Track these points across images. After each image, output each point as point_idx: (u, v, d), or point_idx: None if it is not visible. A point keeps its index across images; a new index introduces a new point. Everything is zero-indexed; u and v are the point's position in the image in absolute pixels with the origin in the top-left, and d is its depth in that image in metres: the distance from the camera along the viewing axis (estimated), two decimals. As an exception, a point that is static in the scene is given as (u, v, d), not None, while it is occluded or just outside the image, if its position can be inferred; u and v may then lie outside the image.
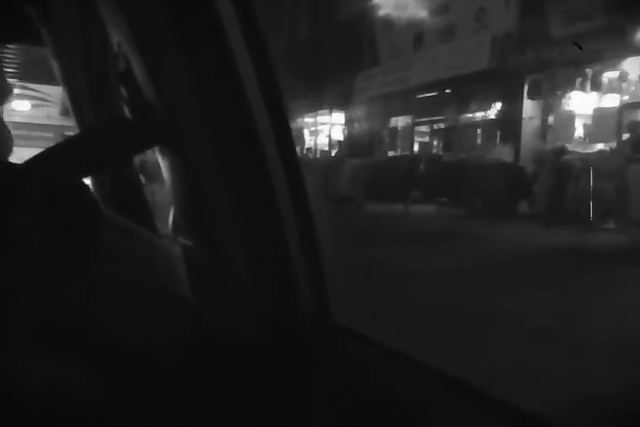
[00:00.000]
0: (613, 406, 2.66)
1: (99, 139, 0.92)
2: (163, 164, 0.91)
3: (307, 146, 20.78)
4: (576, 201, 7.93)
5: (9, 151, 0.87)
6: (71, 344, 0.69)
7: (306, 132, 21.04)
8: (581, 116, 12.18)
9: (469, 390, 0.75)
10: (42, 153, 0.85)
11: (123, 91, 0.89)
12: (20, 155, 0.87)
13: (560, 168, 8.33)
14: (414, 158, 13.21)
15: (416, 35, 16.34)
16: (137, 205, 1.49)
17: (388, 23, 16.72)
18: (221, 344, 0.85)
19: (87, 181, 1.04)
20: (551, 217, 8.35)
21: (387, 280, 5.14)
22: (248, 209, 0.86)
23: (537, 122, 12.91)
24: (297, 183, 0.88)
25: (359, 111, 17.86)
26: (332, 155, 17.82)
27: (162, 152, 0.89)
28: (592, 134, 11.57)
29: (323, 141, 20.89)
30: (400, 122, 17.98)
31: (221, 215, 0.86)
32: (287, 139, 0.87)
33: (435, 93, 15.52)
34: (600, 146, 10.70)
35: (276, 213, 0.86)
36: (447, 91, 15.12)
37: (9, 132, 0.87)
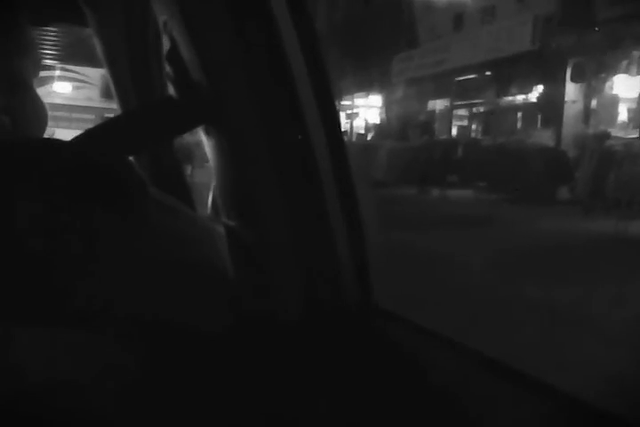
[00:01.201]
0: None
1: (145, 118, 0.92)
2: (207, 143, 0.90)
3: (343, 129, 20.63)
4: (619, 188, 7.75)
5: (44, 125, 0.86)
6: (116, 326, 0.69)
7: (342, 114, 20.92)
8: (626, 100, 11.86)
9: (511, 373, 0.75)
10: (89, 131, 0.85)
11: (168, 70, 0.88)
12: (62, 136, 0.86)
13: (603, 153, 8.14)
14: (452, 142, 13.06)
15: (456, 16, 16.06)
16: (176, 185, 1.50)
17: (427, 4, 16.47)
18: (263, 326, 0.85)
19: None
20: (592, 204, 8.19)
21: (424, 265, 5.15)
22: (293, 190, 0.85)
23: (579, 106, 12.60)
24: (342, 165, 0.88)
25: (396, 94, 17.67)
26: (369, 138, 17.70)
27: (207, 132, 0.88)
28: (636, 119, 11.26)
29: (359, 124, 20.77)
30: (438, 105, 17.76)
31: (266, 196, 0.86)
32: (333, 119, 0.87)
33: (474, 76, 15.26)
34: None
35: (321, 196, 0.85)
36: (487, 73, 14.85)
37: (43, 105, 0.86)
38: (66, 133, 0.89)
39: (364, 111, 20.66)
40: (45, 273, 0.66)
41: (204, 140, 0.90)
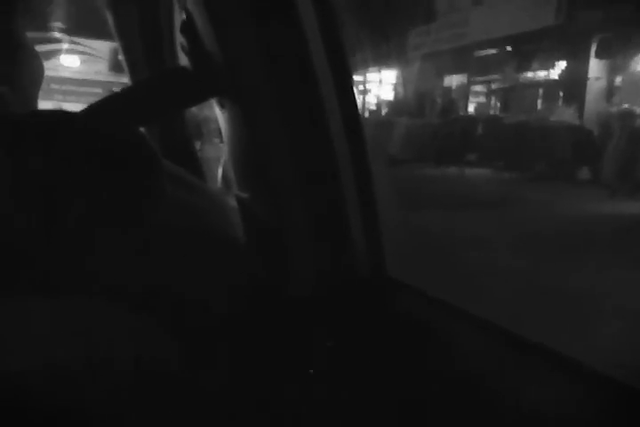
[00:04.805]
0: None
1: (157, 88, 0.90)
2: (220, 115, 0.89)
3: (358, 103, 20.41)
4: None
5: (39, 82, 0.86)
6: (131, 296, 0.69)
7: (357, 89, 20.67)
8: (652, 77, 11.59)
9: (524, 344, 0.75)
10: (100, 102, 0.83)
11: (183, 41, 0.86)
12: (72, 109, 0.84)
13: (633, 132, 7.91)
14: (471, 120, 12.90)
15: (476, -12, 15.72)
16: (187, 158, 1.50)
17: (446, -24, 16.17)
18: (276, 297, 0.86)
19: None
20: (619, 185, 7.98)
21: (441, 243, 5.05)
22: (307, 163, 0.86)
23: (603, 83, 12.37)
24: (356, 140, 0.88)
25: (413, 69, 17.41)
26: (383, 115, 17.50)
27: (221, 104, 0.86)
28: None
29: (374, 100, 20.54)
30: (455, 81, 17.49)
31: (280, 169, 0.86)
32: (348, 92, 0.87)
33: (494, 51, 14.99)
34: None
35: (335, 169, 0.86)
36: (508, 48, 14.58)
37: (40, 61, 0.85)
38: (73, 107, 0.88)
39: (379, 86, 20.40)
40: (57, 245, 0.65)
41: (216, 113, 0.89)
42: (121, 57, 1.54)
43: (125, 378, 0.61)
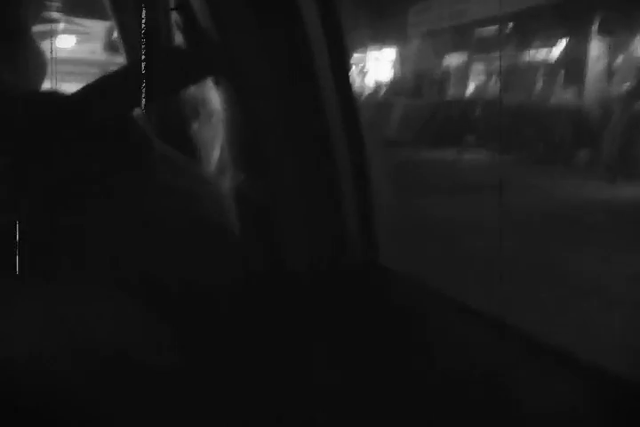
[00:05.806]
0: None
1: (153, 68, 0.89)
2: (216, 94, 0.88)
3: (354, 83, 20.33)
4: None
5: (43, 75, 0.88)
6: (123, 284, 0.67)
7: (354, 68, 20.55)
8: (654, 57, 11.51)
9: (517, 334, 0.75)
10: (94, 83, 0.84)
11: (178, 20, 0.86)
12: (67, 90, 0.86)
13: (633, 114, 7.87)
14: (470, 100, 12.85)
15: (476, -36, 15.52)
16: (182, 138, 1.51)
17: (445, -48, 15.97)
18: (270, 282, 0.86)
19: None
20: (619, 168, 7.95)
21: (434, 228, 5.07)
22: (303, 145, 0.85)
23: (604, 63, 12.29)
24: (352, 122, 0.88)
25: (411, 48, 17.28)
26: (381, 95, 17.42)
27: (216, 83, 0.86)
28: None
29: (371, 80, 20.43)
30: (455, 59, 17.37)
31: (276, 149, 0.85)
32: (345, 71, 0.89)
33: (495, 29, 14.87)
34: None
35: (331, 152, 0.84)
36: (508, 26, 14.45)
37: (44, 55, 0.89)
38: (70, 87, 0.88)
39: (377, 65, 20.27)
40: (47, 226, 0.65)
41: (212, 94, 0.90)
42: (116, 36, 1.55)
43: (119, 368, 0.61)
